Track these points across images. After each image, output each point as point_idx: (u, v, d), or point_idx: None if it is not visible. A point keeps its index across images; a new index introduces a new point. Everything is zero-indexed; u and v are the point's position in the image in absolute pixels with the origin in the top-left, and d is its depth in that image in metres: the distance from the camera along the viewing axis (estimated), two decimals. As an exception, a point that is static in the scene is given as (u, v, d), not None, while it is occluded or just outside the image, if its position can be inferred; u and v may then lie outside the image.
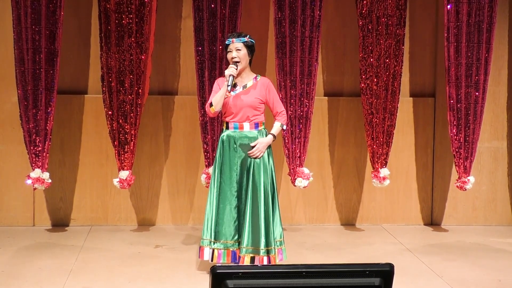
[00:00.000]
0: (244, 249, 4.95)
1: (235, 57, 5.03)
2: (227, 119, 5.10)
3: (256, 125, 5.07)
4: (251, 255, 4.94)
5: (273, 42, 6.23)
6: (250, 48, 5.09)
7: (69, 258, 5.62)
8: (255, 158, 4.95)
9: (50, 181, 6.09)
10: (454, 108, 6.32)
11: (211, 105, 5.02)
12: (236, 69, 4.98)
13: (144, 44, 6.04)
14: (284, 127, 5.20)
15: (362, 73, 6.31)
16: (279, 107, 5.15)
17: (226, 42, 5.10)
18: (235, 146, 5.03)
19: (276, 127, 5.12)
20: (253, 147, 4.98)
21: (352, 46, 6.65)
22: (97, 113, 6.45)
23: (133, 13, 6.01)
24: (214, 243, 5.04)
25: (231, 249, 5.03)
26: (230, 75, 4.96)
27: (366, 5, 6.23)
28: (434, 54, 6.79)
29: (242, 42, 5.05)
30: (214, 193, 5.06)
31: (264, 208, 4.97)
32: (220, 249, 5.04)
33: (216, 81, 5.23)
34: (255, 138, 5.04)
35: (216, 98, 5.00)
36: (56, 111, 6.19)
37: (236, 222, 5.03)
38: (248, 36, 5.11)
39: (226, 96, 5.00)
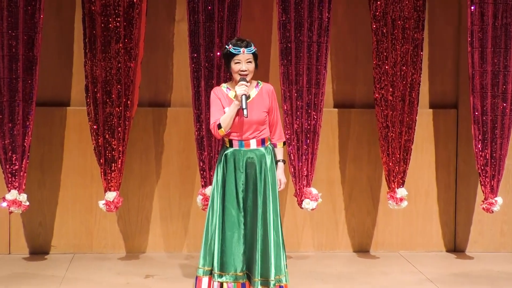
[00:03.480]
0: (256, 282, 5.01)
1: (245, 70, 5.04)
2: (230, 137, 5.14)
3: (263, 142, 5.14)
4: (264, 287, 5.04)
5: (277, 47, 6.25)
6: (256, 59, 5.13)
7: (49, 291, 5.52)
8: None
9: (28, 203, 6.09)
10: (479, 121, 6.34)
11: (219, 126, 5.03)
12: (247, 86, 5.00)
13: (133, 50, 6.07)
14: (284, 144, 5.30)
15: (376, 82, 6.33)
16: (279, 123, 5.24)
17: (233, 51, 5.06)
18: (241, 164, 5.07)
19: (281, 149, 5.23)
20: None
21: (365, 52, 6.64)
22: (81, 127, 6.43)
23: (121, 16, 6.03)
24: (222, 276, 5.06)
25: (240, 281, 5.07)
26: (242, 95, 4.95)
27: (381, 6, 6.25)
28: (456, 60, 6.81)
29: (252, 53, 5.07)
30: (217, 218, 5.07)
31: (274, 234, 5.02)
32: (230, 282, 5.06)
33: (212, 92, 5.20)
34: (263, 156, 5.09)
35: (226, 120, 5.01)
36: (35, 125, 6.18)
37: (245, 252, 5.06)
38: (253, 44, 5.13)
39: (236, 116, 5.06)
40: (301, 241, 6.72)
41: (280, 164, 5.19)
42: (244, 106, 4.91)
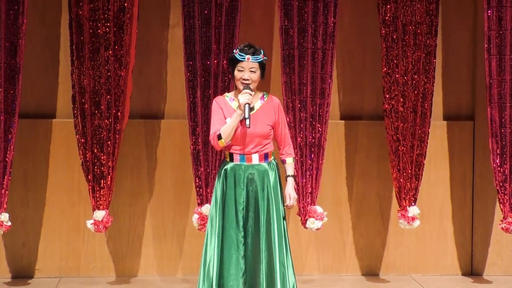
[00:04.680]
0: None
1: (247, 79, 5.04)
2: (231, 150, 5.12)
3: (266, 157, 5.14)
4: None
5: (279, 54, 6.27)
6: (263, 68, 5.12)
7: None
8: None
9: (10, 223, 6.06)
10: (497, 134, 6.32)
11: (219, 137, 5.02)
12: (252, 95, 4.99)
13: (123, 57, 6.10)
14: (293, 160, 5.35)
15: (386, 91, 6.35)
16: (288, 138, 5.25)
17: (238, 57, 5.05)
18: (242, 180, 5.07)
19: (291, 165, 5.25)
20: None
21: (374, 60, 6.66)
22: (68, 141, 6.45)
23: (111, 21, 6.05)
24: None
25: None
26: (246, 104, 4.95)
27: (390, 10, 6.27)
28: (472, 68, 6.82)
29: (258, 61, 5.06)
30: (216, 238, 5.06)
31: (280, 256, 5.02)
32: (230, 306, 5.06)
33: (214, 101, 5.20)
34: (266, 172, 5.09)
35: (227, 130, 5.01)
36: (18, 138, 6.21)
37: (245, 275, 5.04)
38: (262, 52, 5.11)
39: (238, 127, 5.06)
40: (306, 263, 6.72)
41: (290, 179, 5.20)
42: (247, 116, 4.92)
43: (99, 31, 6.06)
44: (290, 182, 5.19)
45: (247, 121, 4.92)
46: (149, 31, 6.57)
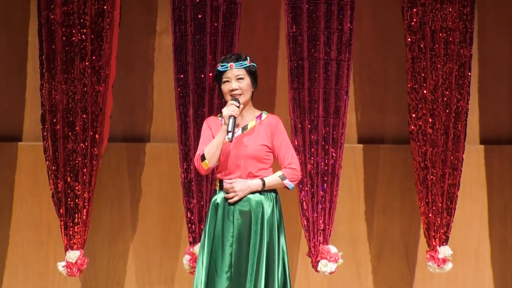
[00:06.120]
0: None
1: (236, 89, 5.01)
2: (220, 175, 5.07)
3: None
4: None
5: (285, 66, 6.14)
6: (254, 75, 5.09)
7: None
8: (232, 203, 5.00)
9: None
10: None
11: (203, 158, 5.00)
12: (238, 106, 4.97)
13: (102, 70, 6.03)
14: (290, 185, 5.10)
15: (412, 110, 6.18)
16: (289, 157, 5.11)
17: (220, 68, 5.06)
18: (231, 211, 5.02)
19: (273, 177, 5.07)
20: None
21: (397, 73, 6.59)
22: (36, 168, 6.40)
23: (88, 26, 5.97)
24: None
25: None
26: (230, 116, 4.93)
27: (417, 15, 6.12)
28: None
29: (244, 67, 5.05)
30: (202, 279, 5.00)
31: None
32: None
33: (205, 122, 5.18)
34: (259, 204, 5.01)
35: (211, 149, 4.98)
36: None
37: None
38: (249, 58, 5.10)
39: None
40: (317, 314, 6.62)
41: (258, 180, 5.02)
42: (229, 129, 4.90)
43: (73, 38, 5.97)
44: (254, 180, 5.01)
45: (229, 134, 4.90)
46: (132, 39, 6.55)
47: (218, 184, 5.08)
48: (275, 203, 5.06)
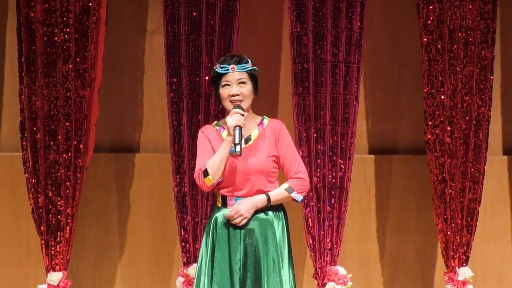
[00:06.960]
0: None
1: (236, 94, 4.90)
2: (224, 192, 4.93)
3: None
4: None
5: (289, 70, 6.08)
6: (255, 80, 4.99)
7: None
8: (237, 224, 4.88)
9: None
10: None
11: (205, 173, 4.87)
12: (243, 115, 4.87)
13: (87, 73, 5.99)
14: (298, 198, 4.98)
15: (428, 117, 6.12)
16: (295, 165, 5.00)
17: (219, 70, 4.93)
18: (238, 232, 4.91)
19: (279, 190, 4.95)
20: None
21: (412, 76, 6.54)
22: (14, 181, 6.40)
23: (71, 25, 5.92)
24: None
25: None
26: (236, 127, 4.81)
27: (434, 13, 6.06)
28: None
29: (246, 70, 4.94)
30: None
31: None
32: None
33: (200, 131, 5.05)
34: (268, 222, 4.91)
35: (215, 163, 4.85)
36: None
37: None
38: (250, 60, 5.00)
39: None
40: None
41: (262, 196, 4.91)
42: (237, 141, 4.77)
43: (56, 38, 5.92)
44: (259, 196, 4.91)
45: (237, 147, 4.79)
46: (120, 39, 6.53)
47: (220, 200, 4.96)
48: (283, 219, 4.99)
